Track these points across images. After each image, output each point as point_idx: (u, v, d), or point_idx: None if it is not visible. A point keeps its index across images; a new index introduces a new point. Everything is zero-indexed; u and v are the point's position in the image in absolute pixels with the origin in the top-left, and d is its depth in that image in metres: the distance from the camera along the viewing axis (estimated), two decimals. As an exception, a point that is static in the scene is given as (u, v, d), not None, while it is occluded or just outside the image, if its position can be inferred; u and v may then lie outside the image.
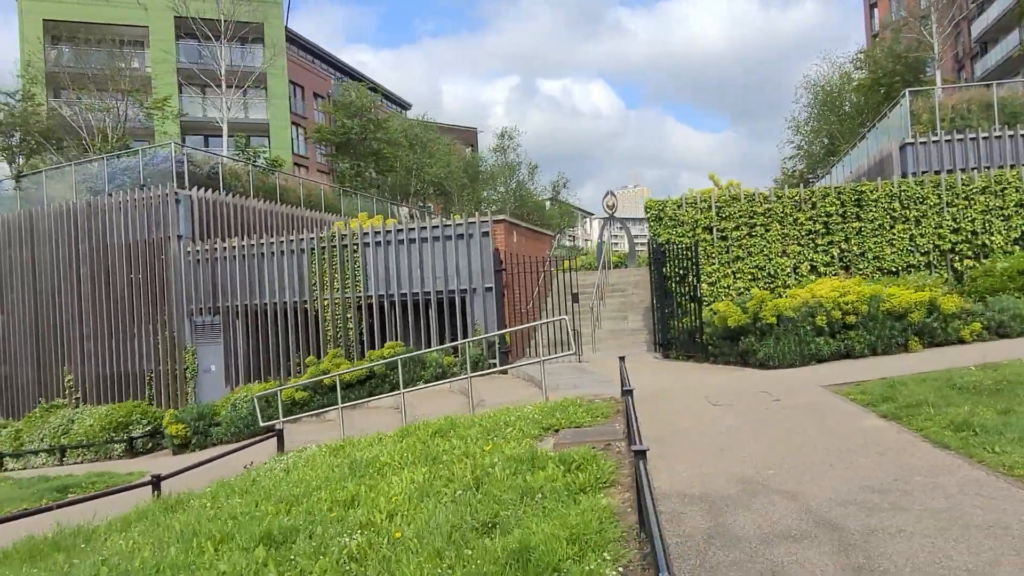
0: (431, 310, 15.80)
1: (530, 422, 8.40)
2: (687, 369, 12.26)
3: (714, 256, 14.39)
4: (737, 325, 11.58)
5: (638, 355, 14.78)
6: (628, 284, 19.16)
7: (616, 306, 18.21)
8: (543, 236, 19.43)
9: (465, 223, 15.55)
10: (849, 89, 28.82)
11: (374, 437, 9.80)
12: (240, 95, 47.28)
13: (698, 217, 14.49)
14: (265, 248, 17.10)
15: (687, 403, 8.77)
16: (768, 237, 14.19)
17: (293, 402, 15.04)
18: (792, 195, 14.28)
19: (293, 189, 24.30)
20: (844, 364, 10.99)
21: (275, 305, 16.99)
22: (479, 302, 15.42)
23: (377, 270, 16.11)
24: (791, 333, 11.21)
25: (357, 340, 16.27)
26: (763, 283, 14.14)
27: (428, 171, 34.01)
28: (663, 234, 14.62)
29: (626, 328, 17.15)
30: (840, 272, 14.04)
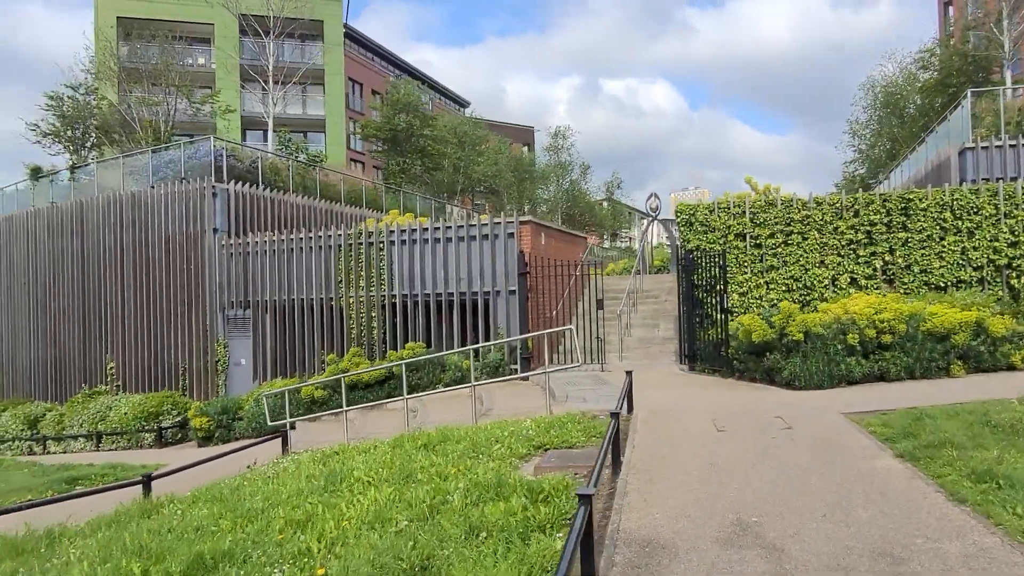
0: (454, 312, 15.54)
1: (522, 439, 8.01)
2: (708, 385, 11.62)
3: (747, 265, 13.65)
4: (762, 340, 10.89)
5: (663, 367, 14.17)
6: (663, 290, 18.47)
7: (648, 313, 17.58)
8: (576, 239, 18.94)
9: (490, 223, 15.21)
10: (913, 91, 27.18)
11: (371, 444, 9.57)
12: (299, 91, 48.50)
13: (731, 223, 13.76)
14: (294, 243, 17.15)
15: (691, 426, 8.21)
16: (805, 246, 13.37)
17: (312, 400, 15.02)
18: (833, 201, 13.40)
19: (334, 184, 24.42)
20: (875, 388, 10.17)
21: (303, 301, 17.02)
22: (502, 305, 15.06)
23: (402, 269, 15.94)
24: (819, 351, 10.45)
25: (380, 340, 16.14)
26: (798, 295, 13.33)
27: (475, 169, 33.80)
28: (693, 240, 13.95)
29: (656, 337, 16.52)
30: (883, 286, 13.11)
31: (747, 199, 13.81)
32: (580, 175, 50.72)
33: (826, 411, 8.56)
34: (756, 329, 10.94)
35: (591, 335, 15.38)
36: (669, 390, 11.25)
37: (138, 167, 21.11)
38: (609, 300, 18.15)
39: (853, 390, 10.11)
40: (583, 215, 52.75)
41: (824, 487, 5.59)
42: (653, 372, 13.50)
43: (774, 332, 10.83)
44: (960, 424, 7.03)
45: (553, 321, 16.03)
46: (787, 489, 5.61)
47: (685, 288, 13.54)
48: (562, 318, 16.62)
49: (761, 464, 6.35)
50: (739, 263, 13.70)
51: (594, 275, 21.09)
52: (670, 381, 12.30)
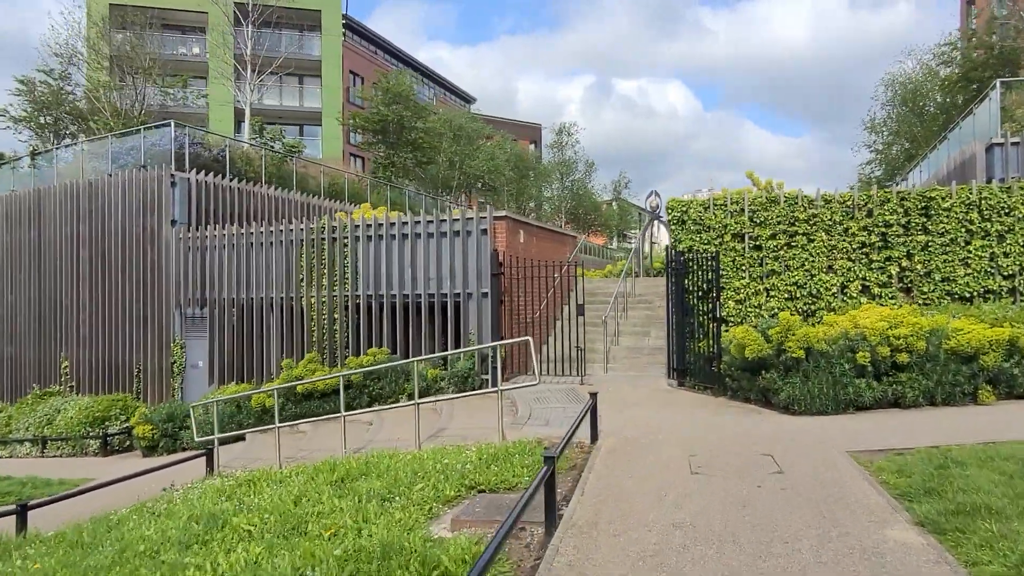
0: (422, 315, 14.11)
1: (454, 476, 6.57)
2: (695, 405, 10.12)
3: (744, 269, 12.15)
4: (757, 356, 9.39)
5: (650, 381, 12.69)
6: (657, 295, 16.97)
7: (639, 320, 16.10)
8: (563, 238, 17.49)
9: (462, 219, 13.77)
10: (934, 87, 25.52)
11: (291, 471, 8.17)
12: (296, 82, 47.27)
13: (728, 222, 12.26)
14: (254, 238, 15.78)
15: (662, 464, 6.73)
16: (811, 249, 11.85)
17: (263, 409, 13.63)
18: (843, 199, 11.87)
19: (314, 177, 23.08)
20: (889, 416, 8.64)
21: (263, 300, 15.65)
22: (474, 309, 13.63)
23: (367, 267, 14.54)
24: (824, 371, 8.94)
25: (342, 344, 14.75)
26: (802, 304, 11.81)
27: (471, 164, 32.38)
28: (685, 240, 12.46)
29: (646, 346, 15.03)
30: (899, 295, 11.57)
31: (746, 195, 12.32)
32: (585, 173, 49.22)
33: (827, 447, 7.06)
34: (750, 343, 9.44)
35: (575, 343, 13.94)
36: (650, 410, 9.77)
37: (100, 154, 19.83)
38: (599, 304, 16.69)
39: (862, 418, 8.59)
40: (588, 215, 51.25)
41: (816, 571, 4.12)
42: (637, 387, 12.03)
43: (771, 347, 9.33)
44: (997, 477, 5.52)
45: (531, 327, 14.58)
46: (768, 570, 4.14)
47: (676, 294, 12.06)
48: (543, 324, 15.18)
49: (738, 527, 4.87)
50: (736, 267, 12.21)
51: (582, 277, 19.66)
52: (654, 399, 10.82)
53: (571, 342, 13.61)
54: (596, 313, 16.17)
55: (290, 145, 22.86)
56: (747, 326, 9.94)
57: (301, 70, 46.04)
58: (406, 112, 28.21)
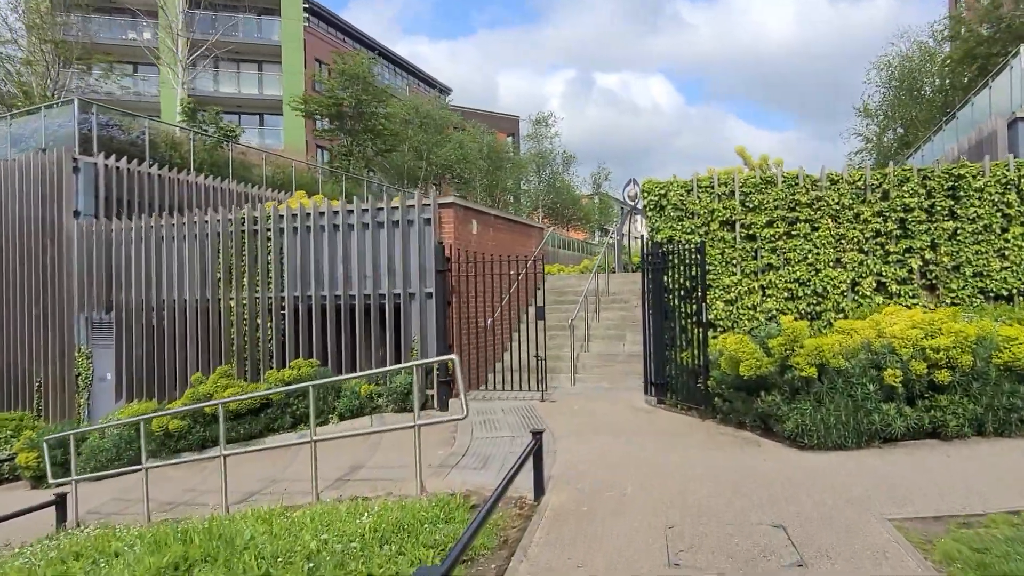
0: (357, 319, 11.95)
1: (326, 567, 4.48)
2: (677, 433, 8.07)
3: (736, 263, 10.13)
4: (755, 375, 7.36)
5: (624, 397, 10.64)
6: (633, 293, 14.95)
7: (614, 322, 14.06)
8: (527, 229, 15.43)
9: (402, 207, 11.63)
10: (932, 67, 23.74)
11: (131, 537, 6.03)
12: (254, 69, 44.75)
13: (715, 207, 10.23)
14: (166, 231, 13.52)
15: (627, 544, 4.65)
16: (816, 239, 9.85)
17: (167, 433, 11.43)
18: (854, 179, 9.88)
19: (256, 165, 20.81)
20: (928, 451, 6.65)
21: (176, 303, 13.40)
22: (416, 312, 11.51)
23: (294, 264, 12.36)
24: (842, 393, 6.92)
25: (266, 353, 12.56)
26: (805, 305, 9.81)
27: (438, 153, 30.20)
28: (665, 229, 10.41)
29: (621, 353, 12.99)
30: (921, 294, 9.60)
31: (737, 176, 10.30)
32: (563, 166, 47.18)
33: (860, 509, 5.02)
34: (745, 357, 7.40)
35: (548, 348, 11.85)
36: (620, 441, 7.70)
37: (4, 137, 17.41)
38: (569, 304, 14.64)
39: (894, 455, 6.58)
40: (567, 208, 49.27)
41: None
42: (608, 405, 9.98)
43: (772, 363, 7.30)
44: None
45: (487, 333, 12.49)
46: None
47: (653, 293, 10.01)
48: (501, 329, 13.09)
49: None
50: (725, 260, 10.18)
51: (547, 274, 17.58)
52: (626, 423, 8.76)
53: (535, 349, 11.53)
54: (566, 314, 14.12)
55: (226, 129, 20.53)
56: (740, 334, 7.89)
57: (261, 56, 43.62)
58: (365, 95, 25.95)
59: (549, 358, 13.05)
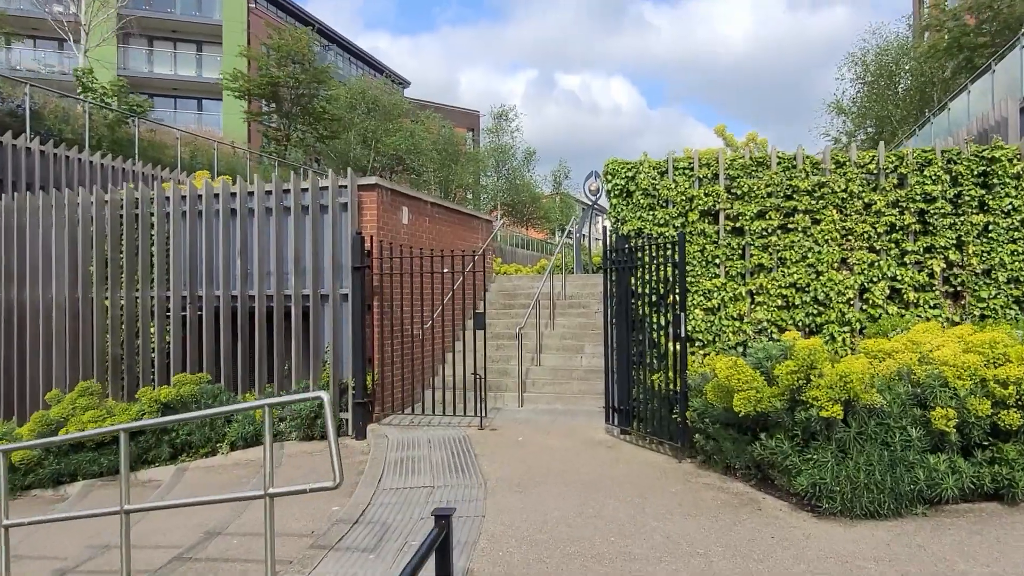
0: (257, 325, 9.73)
1: None
2: (648, 485, 6.11)
3: (718, 262, 8.24)
4: (754, 411, 5.44)
5: (581, 425, 8.68)
6: (593, 296, 13.04)
7: (571, 330, 12.11)
8: (472, 222, 13.36)
9: (312, 189, 9.46)
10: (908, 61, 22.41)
11: None
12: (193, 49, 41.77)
13: (694, 193, 8.33)
14: (29, 215, 11.07)
15: None
16: (817, 234, 8.02)
17: (12, 467, 9.08)
18: (863, 161, 8.07)
19: (169, 147, 18.31)
20: (1001, 527, 4.80)
21: (38, 302, 10.97)
22: (329, 316, 9.36)
23: (181, 257, 10.09)
24: (873, 440, 5.06)
25: (147, 365, 10.25)
26: (803, 314, 7.97)
27: (386, 142, 27.94)
28: (632, 220, 8.48)
29: (578, 368, 11.04)
30: (943, 303, 7.84)
31: (721, 156, 8.41)
32: (523, 162, 45.22)
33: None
34: (741, 387, 5.48)
35: (493, 362, 9.78)
36: (574, 501, 5.70)
37: None
38: (521, 309, 12.68)
39: (953, 532, 4.72)
40: (527, 207, 47.38)
41: None
42: (561, 438, 8.00)
43: (778, 396, 5.39)
44: None
45: (419, 343, 10.42)
46: None
47: (618, 298, 8.07)
48: (438, 338, 11.04)
49: None
50: (706, 259, 8.29)
51: (510, 273, 15.65)
52: (583, 467, 6.78)
53: (479, 362, 9.47)
54: (516, 320, 12.14)
55: (133, 104, 17.96)
56: (733, 357, 5.95)
57: (200, 36, 40.70)
58: (303, 75, 23.57)
59: (495, 372, 11.05)
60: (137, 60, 40.04)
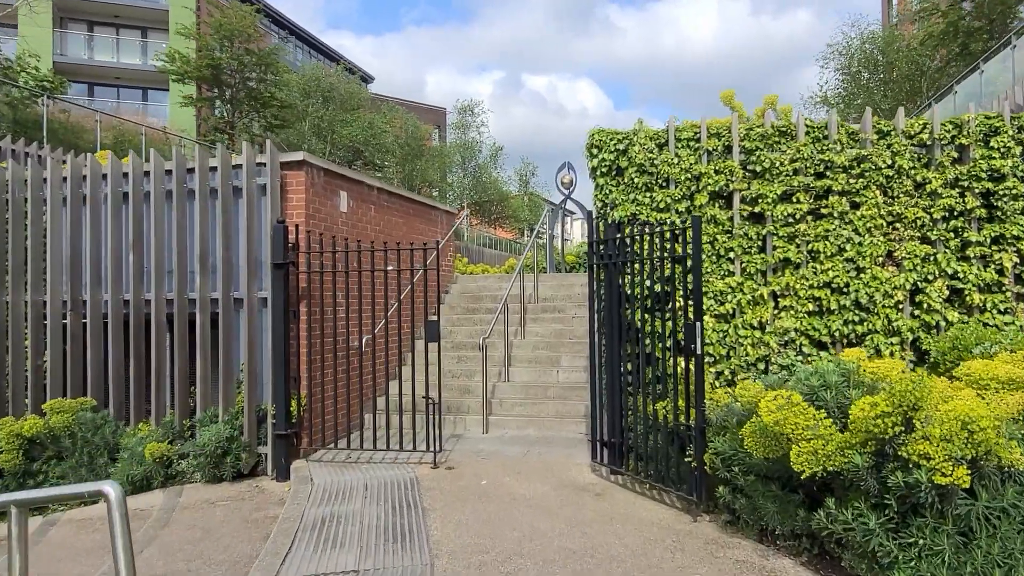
0: (156, 337, 7.77)
1: None
2: (654, 567, 4.36)
3: (734, 257, 6.55)
4: (823, 470, 3.72)
5: (558, 463, 6.91)
6: (569, 299, 11.31)
7: (545, 338, 10.34)
8: (430, 212, 11.48)
9: (222, 167, 7.53)
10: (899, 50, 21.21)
11: None
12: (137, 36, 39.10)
13: (703, 170, 6.62)
14: None
15: None
16: (857, 220, 6.37)
17: None
18: (913, 130, 6.45)
19: (89, 130, 16.13)
20: None
21: None
22: (243, 325, 7.45)
23: (62, 252, 8.08)
24: (1013, 520, 3.39)
25: (18, 385, 8.20)
26: (841, 322, 6.31)
27: (342, 133, 25.93)
28: (624, 204, 6.75)
29: (554, 383, 9.28)
30: (1017, 308, 6.25)
31: (735, 124, 6.73)
32: (490, 158, 43.42)
33: None
34: (802, 434, 3.76)
35: (454, 377, 7.90)
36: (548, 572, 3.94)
37: None
38: (486, 314, 10.89)
39: None
40: (494, 206, 45.64)
41: None
42: (535, 483, 6.21)
43: (859, 451, 3.68)
44: None
45: (364, 357, 8.54)
46: None
47: (607, 302, 6.32)
48: (386, 352, 9.17)
49: None
50: (718, 253, 6.59)
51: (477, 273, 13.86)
52: (566, 531, 5.01)
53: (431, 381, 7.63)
54: (481, 327, 10.37)
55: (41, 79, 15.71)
56: (788, 392, 4.20)
57: (145, 22, 38.09)
58: (247, 57, 21.46)
59: (455, 390, 9.24)
60: (76, 46, 37.36)
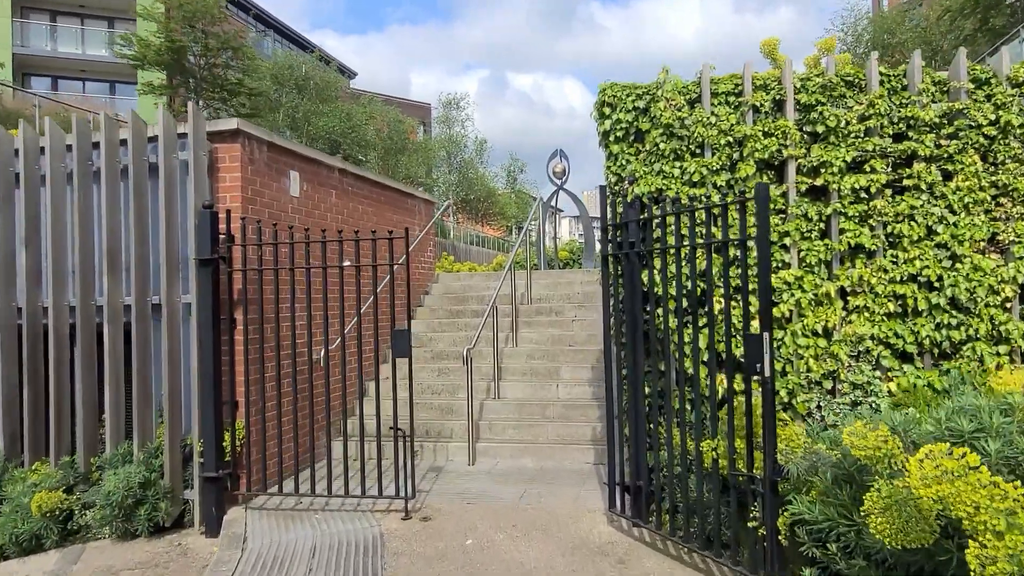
0: (53, 353, 6.18)
1: None
2: None
3: (789, 244, 5.06)
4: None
5: (564, 513, 5.37)
6: (567, 299, 9.79)
7: (541, 346, 8.82)
8: (404, 200, 9.85)
9: (134, 139, 5.94)
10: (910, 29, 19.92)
11: None
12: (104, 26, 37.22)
13: (746, 132, 5.13)
14: None
15: None
16: (951, 194, 4.90)
17: None
18: (1021, 76, 5.00)
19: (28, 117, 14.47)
20: None
21: None
22: (163, 338, 5.86)
23: (-57, 249, 6.48)
24: None
25: None
26: (931, 327, 4.84)
27: (316, 124, 24.33)
28: (647, 178, 5.23)
29: (554, 400, 7.75)
30: None
31: (789, 74, 5.23)
32: (475, 153, 41.87)
33: None
34: (988, 520, 2.28)
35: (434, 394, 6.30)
36: None
37: None
38: (472, 318, 9.40)
39: None
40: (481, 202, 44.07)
41: None
42: (536, 543, 4.67)
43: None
44: None
45: (324, 374, 6.95)
46: None
47: (628, 303, 4.80)
48: (355, 363, 7.63)
49: None
50: (767, 239, 5.10)
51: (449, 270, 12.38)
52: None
53: (405, 406, 6.09)
54: (466, 333, 8.87)
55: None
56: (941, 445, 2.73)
57: (111, 12, 36.22)
58: (212, 41, 19.80)
59: (435, 411, 7.72)
60: (38, 38, 35.51)
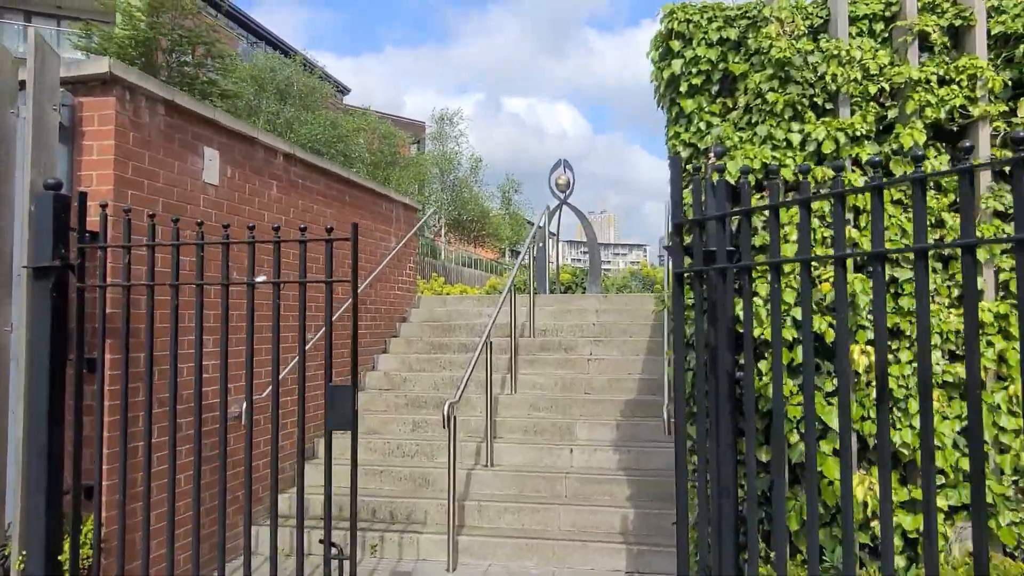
0: None
1: None
2: None
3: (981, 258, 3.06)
4: None
5: None
6: (580, 331, 7.74)
7: (548, 392, 6.75)
8: (381, 202, 7.76)
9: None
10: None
11: None
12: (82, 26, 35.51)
13: (908, 76, 3.17)
14: None
15: None
16: None
17: None
18: None
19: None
20: None
21: None
22: (-15, 391, 3.80)
23: None
24: None
25: None
26: None
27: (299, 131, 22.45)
28: (745, 147, 3.25)
29: (567, 471, 5.66)
30: None
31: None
32: (470, 171, 40.09)
33: None
34: None
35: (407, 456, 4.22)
36: None
37: None
38: (458, 353, 7.38)
39: None
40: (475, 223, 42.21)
41: None
42: None
43: None
44: None
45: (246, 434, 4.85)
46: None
47: (710, 352, 2.75)
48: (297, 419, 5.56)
49: None
50: (937, 252, 3.11)
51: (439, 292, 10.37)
52: None
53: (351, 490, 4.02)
54: (452, 373, 6.84)
55: None
56: None
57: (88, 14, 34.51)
58: (182, 34, 17.93)
59: (406, 482, 5.62)
60: (12, 39, 33.72)
